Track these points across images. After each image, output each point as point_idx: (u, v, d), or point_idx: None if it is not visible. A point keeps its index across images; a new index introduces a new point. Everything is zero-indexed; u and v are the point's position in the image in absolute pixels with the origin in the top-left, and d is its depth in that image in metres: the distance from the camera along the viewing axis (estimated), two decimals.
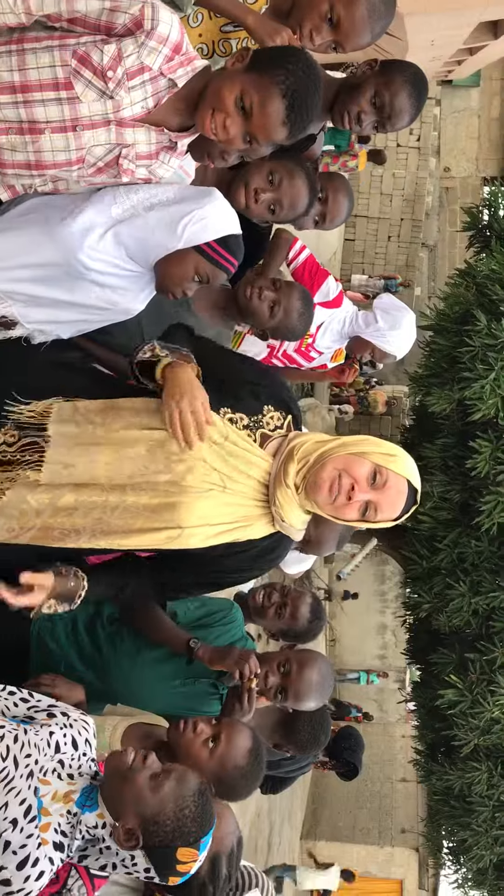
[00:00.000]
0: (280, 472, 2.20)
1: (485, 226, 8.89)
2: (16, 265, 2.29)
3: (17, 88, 2.02)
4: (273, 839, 10.96)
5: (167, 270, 2.34)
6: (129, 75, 2.02)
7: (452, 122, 20.61)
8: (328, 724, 3.42)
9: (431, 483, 8.21)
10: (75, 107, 2.04)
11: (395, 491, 2.18)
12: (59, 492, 2.15)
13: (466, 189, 20.68)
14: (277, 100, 2.04)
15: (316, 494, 2.17)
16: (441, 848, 10.90)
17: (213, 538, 2.19)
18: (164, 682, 2.71)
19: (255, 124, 2.07)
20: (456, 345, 7.75)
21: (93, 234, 2.26)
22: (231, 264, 2.37)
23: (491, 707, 7.70)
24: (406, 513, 2.25)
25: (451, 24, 4.69)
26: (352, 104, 2.70)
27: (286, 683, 2.79)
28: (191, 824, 1.94)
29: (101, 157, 2.14)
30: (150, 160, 2.19)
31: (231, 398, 2.22)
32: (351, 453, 2.20)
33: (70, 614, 2.67)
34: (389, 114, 2.68)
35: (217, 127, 2.08)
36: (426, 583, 8.42)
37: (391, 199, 17.65)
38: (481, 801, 8.44)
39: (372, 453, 2.20)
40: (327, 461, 2.18)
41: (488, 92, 20.52)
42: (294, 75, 2.05)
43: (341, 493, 2.16)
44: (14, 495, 2.15)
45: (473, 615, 7.95)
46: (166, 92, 2.08)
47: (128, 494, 2.14)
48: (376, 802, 16.29)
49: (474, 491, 7.81)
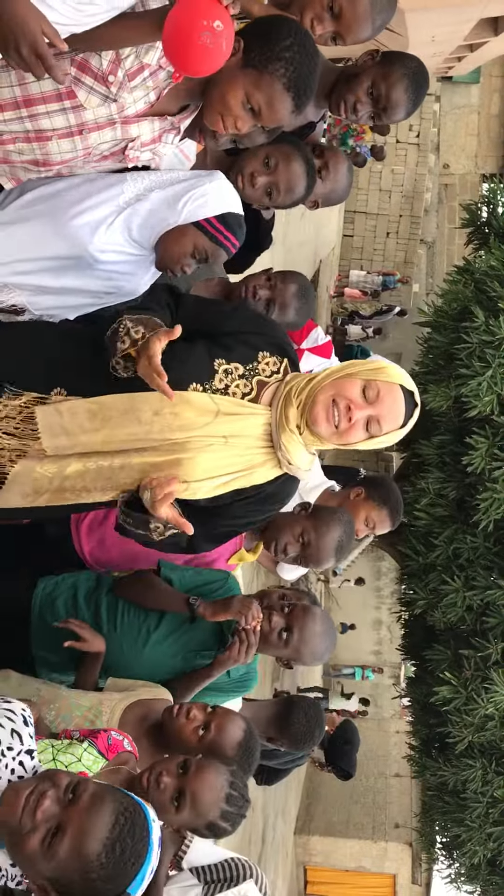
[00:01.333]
0: (281, 418, 2.23)
1: (483, 223, 8.89)
2: (23, 258, 2.30)
3: (21, 103, 2.02)
4: (267, 834, 10.98)
5: (167, 247, 2.35)
6: (129, 76, 2.01)
7: (452, 118, 20.59)
8: (322, 719, 3.43)
9: (427, 480, 8.23)
10: (80, 113, 2.04)
11: (390, 399, 2.22)
12: (64, 462, 2.20)
13: (465, 186, 20.68)
14: (283, 95, 2.03)
15: (317, 427, 2.20)
16: (434, 843, 10.93)
17: (220, 488, 2.23)
18: (165, 659, 2.71)
19: (265, 119, 2.08)
20: (453, 341, 7.75)
21: (102, 227, 2.28)
22: (231, 243, 2.37)
23: (485, 703, 7.71)
24: (410, 418, 2.27)
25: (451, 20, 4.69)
26: (348, 93, 2.68)
27: (290, 622, 2.78)
28: (102, 886, 1.60)
29: (108, 150, 2.15)
30: (154, 144, 2.20)
31: (222, 349, 2.23)
32: (338, 378, 2.24)
33: (71, 588, 2.72)
34: (385, 105, 2.66)
35: (229, 127, 2.10)
36: (422, 579, 8.44)
37: (390, 195, 17.65)
38: (475, 797, 8.46)
39: (358, 371, 2.24)
40: (318, 393, 2.21)
41: (488, 89, 20.50)
42: (292, 63, 2.01)
43: (340, 416, 2.19)
44: (23, 466, 2.20)
45: (468, 611, 7.97)
46: (166, 83, 2.08)
47: (132, 456, 2.18)
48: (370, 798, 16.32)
49: (470, 487, 7.81)
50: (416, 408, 2.27)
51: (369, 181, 17.32)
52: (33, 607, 2.71)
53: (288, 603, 2.82)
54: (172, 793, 2.18)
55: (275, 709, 3.26)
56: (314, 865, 15.61)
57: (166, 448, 2.18)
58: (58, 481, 2.21)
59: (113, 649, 2.66)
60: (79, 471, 2.20)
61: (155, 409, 2.16)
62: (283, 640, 2.77)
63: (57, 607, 2.70)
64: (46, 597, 2.72)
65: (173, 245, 2.34)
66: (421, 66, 2.72)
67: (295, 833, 15.05)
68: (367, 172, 16.92)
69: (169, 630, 2.71)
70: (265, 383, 2.26)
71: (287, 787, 13.27)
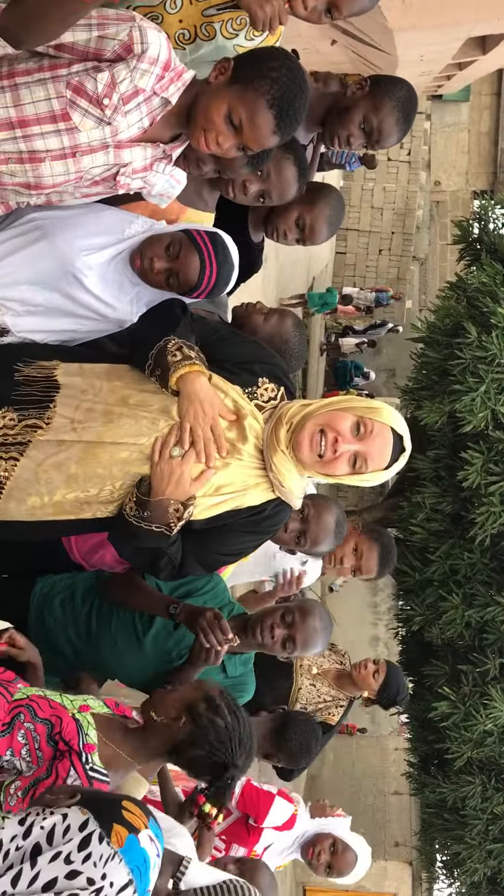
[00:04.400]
0: (272, 438, 2.26)
1: (475, 239, 8.95)
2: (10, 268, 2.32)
3: (15, 124, 2.03)
4: None
5: (146, 240, 2.37)
6: (124, 100, 2.03)
7: (443, 136, 20.74)
8: (319, 735, 3.42)
9: (423, 494, 8.23)
10: (74, 135, 2.06)
11: (380, 439, 2.25)
12: (67, 455, 2.19)
13: (457, 203, 20.80)
14: (265, 112, 2.04)
15: (300, 453, 2.23)
16: (435, 861, 10.87)
17: (215, 508, 2.25)
18: (159, 657, 2.70)
19: (246, 137, 2.09)
20: (447, 357, 7.78)
21: (95, 250, 2.32)
22: (209, 253, 2.36)
23: (484, 720, 7.69)
24: (395, 462, 2.29)
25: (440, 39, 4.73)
26: (341, 128, 2.81)
27: (292, 633, 2.82)
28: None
29: (99, 175, 2.17)
30: (146, 172, 2.21)
31: (226, 373, 2.28)
32: (333, 409, 2.27)
33: (69, 587, 2.73)
34: (378, 137, 2.79)
35: (210, 144, 2.11)
36: (419, 595, 8.43)
37: (382, 212, 17.75)
38: (475, 814, 8.41)
39: (354, 407, 2.28)
40: (308, 420, 2.25)
41: (478, 106, 20.67)
42: (278, 83, 2.04)
43: (326, 447, 2.22)
44: (27, 462, 2.18)
45: (466, 627, 7.95)
46: (160, 110, 2.10)
47: (132, 465, 2.19)
48: (369, 816, 16.20)
49: (466, 502, 7.82)
50: (403, 452, 2.30)
51: (361, 199, 17.42)
52: (31, 607, 2.71)
53: (289, 613, 2.85)
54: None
55: (270, 725, 3.25)
56: (313, 885, 15.47)
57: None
58: (58, 482, 2.19)
59: (107, 648, 2.66)
60: (78, 475, 2.19)
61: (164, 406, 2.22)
62: (287, 649, 2.83)
63: (54, 606, 2.70)
64: (44, 596, 2.72)
65: (153, 239, 2.36)
66: (410, 93, 2.81)
67: None
68: (358, 190, 17.03)
69: (162, 629, 2.70)
70: (262, 407, 2.31)
71: None
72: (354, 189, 16.63)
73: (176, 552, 2.29)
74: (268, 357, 2.38)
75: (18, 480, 2.19)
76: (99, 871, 1.63)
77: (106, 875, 1.63)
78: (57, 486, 2.19)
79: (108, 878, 1.63)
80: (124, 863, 1.65)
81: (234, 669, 2.84)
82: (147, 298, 2.43)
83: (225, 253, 2.41)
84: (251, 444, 2.27)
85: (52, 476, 2.19)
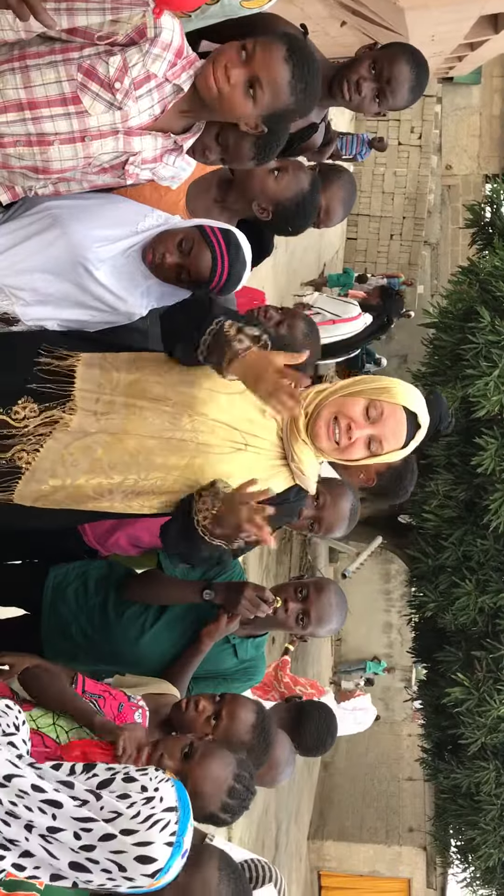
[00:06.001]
0: (292, 427, 2.27)
1: (487, 223, 8.89)
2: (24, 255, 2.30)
3: (25, 105, 2.01)
4: (280, 839, 10.94)
5: (158, 235, 2.35)
6: (136, 85, 2.00)
7: (454, 119, 20.57)
8: (335, 728, 3.40)
9: (436, 481, 8.20)
10: (84, 119, 2.03)
11: (393, 420, 2.25)
12: (94, 440, 2.18)
13: (468, 186, 20.64)
14: (277, 43, 2.01)
15: (318, 442, 2.25)
16: (449, 847, 10.89)
17: None
18: (172, 643, 2.71)
19: (258, 65, 1.99)
20: (459, 342, 7.74)
21: (108, 242, 2.30)
22: (221, 250, 2.33)
23: (498, 705, 7.68)
24: (411, 439, 2.29)
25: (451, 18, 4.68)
26: (351, 73, 2.67)
27: (307, 607, 2.81)
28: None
29: (108, 161, 2.14)
30: (155, 163, 2.18)
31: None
32: (344, 395, 2.27)
33: (82, 576, 2.72)
34: (389, 79, 2.63)
35: (220, 79, 2.01)
36: (432, 581, 8.41)
37: (393, 197, 17.62)
38: (489, 799, 8.42)
39: (365, 390, 2.27)
40: (323, 408, 2.26)
41: (489, 89, 20.47)
42: (296, 40, 2.04)
43: (341, 434, 2.23)
44: (53, 444, 2.18)
45: (479, 613, 7.94)
46: (172, 97, 2.07)
47: (159, 456, 2.19)
48: (383, 801, 16.25)
49: (480, 489, 7.79)
50: (418, 429, 2.30)
51: (372, 184, 17.30)
52: (45, 598, 2.70)
53: (303, 587, 2.85)
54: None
55: (286, 715, 3.23)
56: (328, 871, 15.54)
57: (189, 451, 2.19)
58: (82, 467, 2.18)
59: (119, 637, 2.66)
60: (102, 460, 2.18)
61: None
62: (301, 623, 2.82)
63: (67, 595, 2.70)
64: (58, 585, 2.72)
65: (167, 233, 2.34)
66: (419, 52, 2.73)
67: (308, 838, 14.99)
68: (369, 175, 16.90)
69: (175, 614, 2.70)
70: None
71: (300, 791, 13.22)
72: (365, 174, 16.50)
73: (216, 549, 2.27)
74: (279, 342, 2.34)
75: (43, 462, 2.18)
76: (153, 784, 1.77)
77: (158, 789, 1.76)
78: (81, 470, 2.19)
79: (159, 793, 1.75)
80: (175, 789, 1.78)
81: (245, 653, 2.84)
82: (158, 293, 2.42)
83: (237, 251, 2.39)
84: (273, 433, 2.28)
85: (78, 458, 2.18)
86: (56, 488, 2.21)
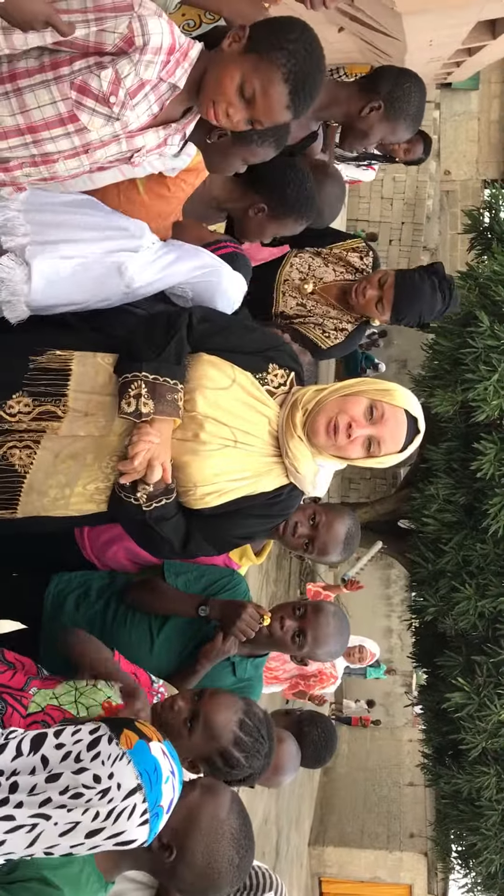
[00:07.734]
0: (288, 423, 2.27)
1: (486, 228, 8.89)
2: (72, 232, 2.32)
3: (24, 130, 2.00)
4: (281, 846, 10.91)
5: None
6: (130, 94, 1.98)
7: (452, 125, 20.61)
8: (334, 741, 3.39)
9: (436, 485, 8.20)
10: (84, 135, 2.03)
11: (393, 422, 2.26)
12: (83, 445, 2.18)
13: (467, 192, 20.67)
14: (280, 85, 1.96)
15: (316, 439, 2.24)
16: (450, 852, 10.87)
17: (228, 494, 2.23)
18: (174, 655, 2.69)
19: (258, 110, 2.01)
20: (459, 346, 7.74)
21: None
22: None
23: (498, 710, 7.67)
24: (410, 444, 2.30)
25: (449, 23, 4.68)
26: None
27: (303, 626, 2.78)
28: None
29: (114, 158, 2.16)
30: (161, 147, 2.19)
31: (237, 360, 2.27)
32: (345, 394, 2.27)
33: (84, 584, 2.71)
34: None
35: (220, 116, 2.04)
36: (432, 586, 8.41)
37: (392, 202, 17.66)
38: (490, 804, 8.40)
39: (366, 390, 2.28)
40: (324, 406, 2.26)
41: (487, 95, 20.52)
42: (295, 56, 1.95)
43: (340, 431, 2.23)
44: (44, 454, 2.17)
45: (480, 618, 7.93)
46: (169, 94, 2.06)
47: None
48: (384, 807, 16.21)
49: (479, 493, 7.79)
50: (417, 434, 2.31)
51: (371, 189, 17.33)
52: (45, 605, 2.69)
53: (301, 607, 2.82)
54: (186, 714, 2.16)
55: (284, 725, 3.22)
56: (329, 877, 15.49)
57: (176, 448, 2.18)
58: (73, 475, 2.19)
59: (122, 645, 2.63)
60: (94, 445, 2.18)
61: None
62: (297, 643, 2.78)
63: (69, 603, 2.69)
64: (59, 593, 2.70)
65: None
66: (421, 99, 2.92)
67: (309, 844, 14.95)
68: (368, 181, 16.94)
69: (177, 626, 2.69)
70: (273, 393, 2.30)
71: (300, 797, 13.18)
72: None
73: (171, 531, 2.25)
74: (274, 343, 2.36)
75: (38, 473, 2.19)
76: (106, 770, 1.62)
77: (113, 775, 1.63)
78: (77, 476, 2.19)
79: (115, 779, 1.62)
80: (133, 765, 1.64)
81: (244, 672, 2.82)
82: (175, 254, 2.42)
83: (240, 271, 2.44)
84: (265, 430, 2.27)
85: (70, 465, 2.19)
86: (58, 498, 2.21)
